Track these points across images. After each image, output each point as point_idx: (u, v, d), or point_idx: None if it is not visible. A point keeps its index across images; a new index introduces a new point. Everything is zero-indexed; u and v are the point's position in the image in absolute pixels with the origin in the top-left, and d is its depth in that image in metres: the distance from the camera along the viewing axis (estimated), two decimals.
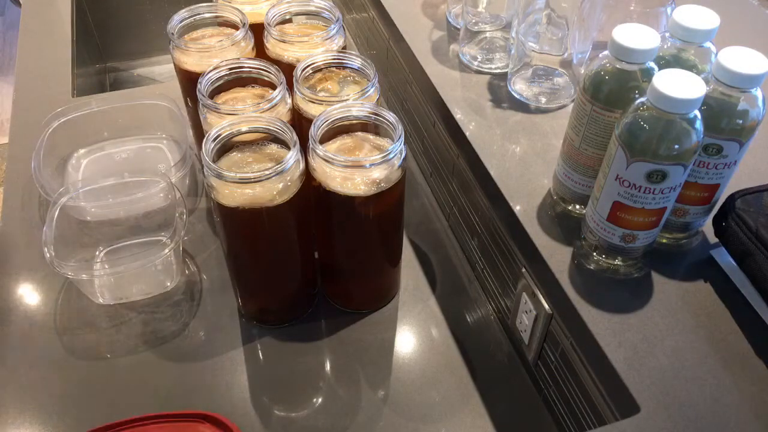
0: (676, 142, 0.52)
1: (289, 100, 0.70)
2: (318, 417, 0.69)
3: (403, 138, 0.62)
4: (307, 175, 0.64)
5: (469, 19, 0.87)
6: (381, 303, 0.79)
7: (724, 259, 0.62)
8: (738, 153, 0.56)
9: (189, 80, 0.76)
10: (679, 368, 0.55)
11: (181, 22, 0.77)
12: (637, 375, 0.54)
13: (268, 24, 0.75)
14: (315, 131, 0.62)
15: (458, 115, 0.80)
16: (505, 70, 0.84)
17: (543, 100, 0.81)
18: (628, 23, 0.57)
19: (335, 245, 0.72)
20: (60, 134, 0.91)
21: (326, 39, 0.75)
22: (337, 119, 0.65)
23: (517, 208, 0.68)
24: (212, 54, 0.74)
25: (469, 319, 0.80)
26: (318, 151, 0.61)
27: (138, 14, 1.32)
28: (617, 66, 0.57)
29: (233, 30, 0.78)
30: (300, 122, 0.69)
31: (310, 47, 0.74)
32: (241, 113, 0.66)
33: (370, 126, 0.67)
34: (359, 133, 0.68)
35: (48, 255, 0.71)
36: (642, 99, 0.53)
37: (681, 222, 0.62)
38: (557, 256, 0.63)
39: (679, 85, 0.50)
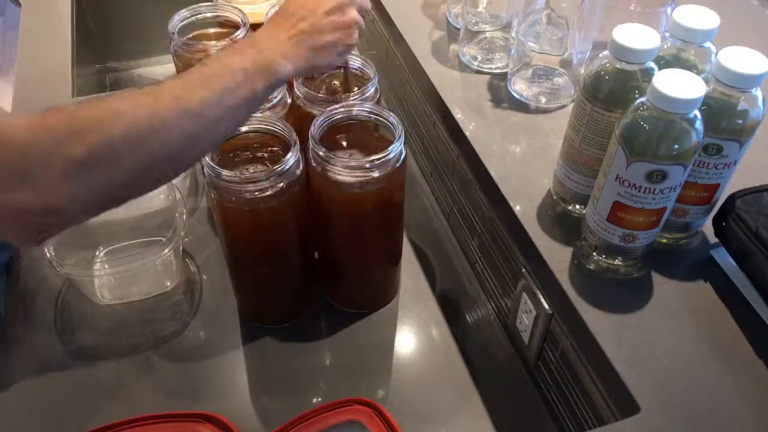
0: (676, 142, 0.52)
1: (289, 100, 0.70)
2: None
3: (403, 138, 0.62)
4: (307, 175, 0.64)
5: (469, 19, 0.87)
6: (381, 303, 0.79)
7: (724, 259, 0.62)
8: (738, 153, 0.56)
9: None
10: (679, 368, 0.55)
11: (182, 21, 0.77)
12: (637, 375, 0.54)
13: None
14: (315, 131, 0.62)
15: (458, 115, 0.79)
16: (505, 70, 0.84)
17: (543, 100, 0.81)
18: (628, 23, 0.57)
19: (335, 245, 0.72)
20: None
21: None
22: (337, 119, 0.65)
23: (517, 208, 0.68)
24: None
25: (469, 319, 0.80)
26: (318, 151, 0.61)
27: (138, 14, 1.32)
28: (617, 66, 0.57)
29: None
30: (300, 122, 0.69)
31: None
32: None
33: (370, 126, 0.67)
34: (359, 133, 0.68)
35: (48, 255, 0.71)
36: (642, 99, 0.53)
37: (681, 222, 0.62)
38: (557, 256, 0.63)
39: (679, 85, 0.50)
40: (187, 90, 0.50)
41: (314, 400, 0.71)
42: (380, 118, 0.65)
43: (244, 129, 0.65)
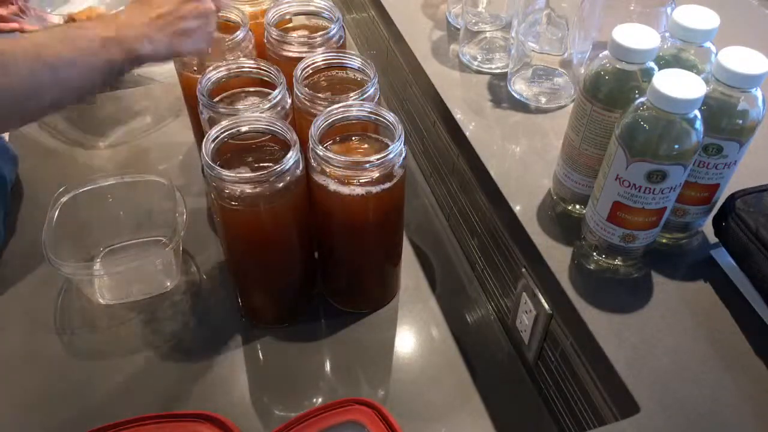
0: (676, 142, 0.52)
1: (289, 100, 0.70)
2: None
3: (403, 138, 0.62)
4: (307, 175, 0.64)
5: (469, 19, 0.87)
6: (381, 303, 0.79)
7: (724, 259, 0.62)
8: (738, 153, 0.56)
9: (189, 81, 0.77)
10: (679, 368, 0.55)
11: None
12: (637, 375, 0.54)
13: (268, 24, 0.75)
14: (315, 131, 0.62)
15: (458, 115, 0.79)
16: (505, 70, 0.84)
17: (543, 100, 0.81)
18: (628, 23, 0.57)
19: (335, 245, 0.72)
20: (61, 134, 0.91)
21: (326, 39, 0.75)
22: (337, 119, 0.65)
23: (517, 208, 0.68)
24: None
25: (469, 319, 0.80)
26: (318, 151, 0.61)
27: None
28: (617, 66, 0.57)
29: None
30: (300, 122, 0.69)
31: (310, 47, 0.75)
32: (241, 113, 0.66)
33: (370, 126, 0.67)
34: (359, 133, 0.68)
35: (48, 255, 0.71)
36: (642, 99, 0.53)
37: (681, 222, 0.62)
38: (557, 256, 0.63)
39: (679, 85, 0.50)
40: (49, 41, 0.56)
41: (314, 400, 0.71)
42: (380, 118, 0.65)
43: (244, 129, 0.65)
